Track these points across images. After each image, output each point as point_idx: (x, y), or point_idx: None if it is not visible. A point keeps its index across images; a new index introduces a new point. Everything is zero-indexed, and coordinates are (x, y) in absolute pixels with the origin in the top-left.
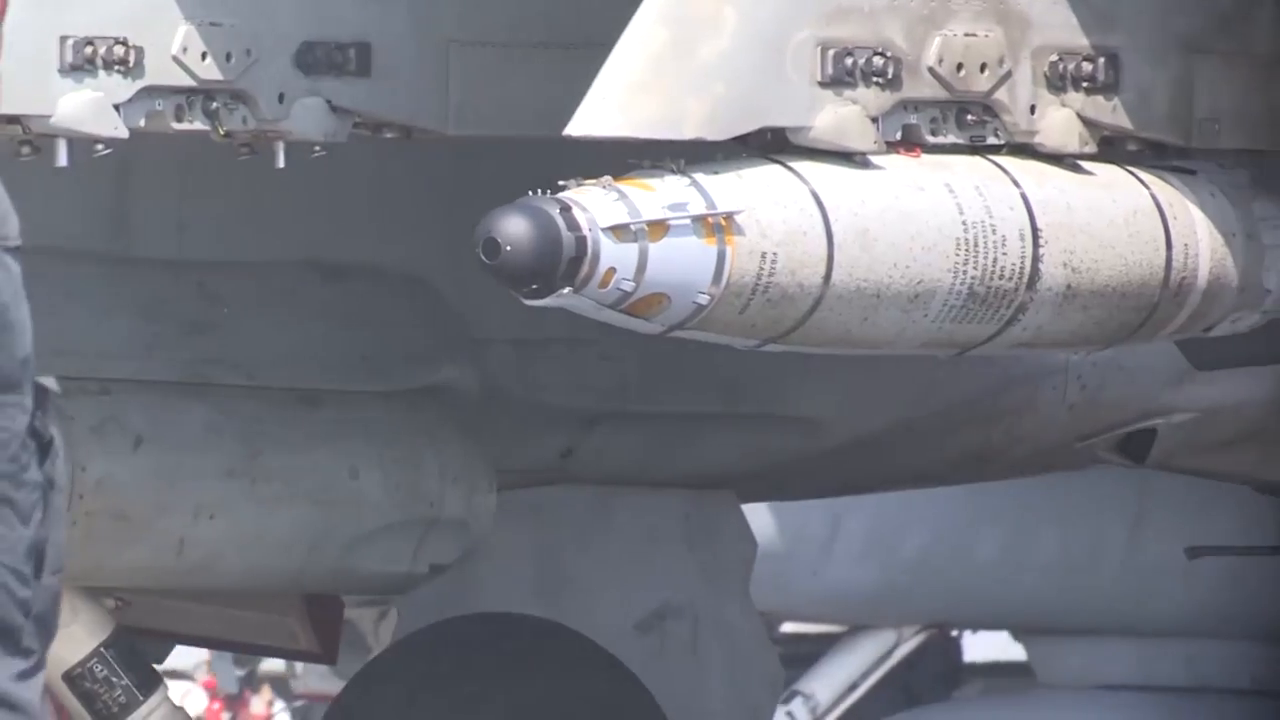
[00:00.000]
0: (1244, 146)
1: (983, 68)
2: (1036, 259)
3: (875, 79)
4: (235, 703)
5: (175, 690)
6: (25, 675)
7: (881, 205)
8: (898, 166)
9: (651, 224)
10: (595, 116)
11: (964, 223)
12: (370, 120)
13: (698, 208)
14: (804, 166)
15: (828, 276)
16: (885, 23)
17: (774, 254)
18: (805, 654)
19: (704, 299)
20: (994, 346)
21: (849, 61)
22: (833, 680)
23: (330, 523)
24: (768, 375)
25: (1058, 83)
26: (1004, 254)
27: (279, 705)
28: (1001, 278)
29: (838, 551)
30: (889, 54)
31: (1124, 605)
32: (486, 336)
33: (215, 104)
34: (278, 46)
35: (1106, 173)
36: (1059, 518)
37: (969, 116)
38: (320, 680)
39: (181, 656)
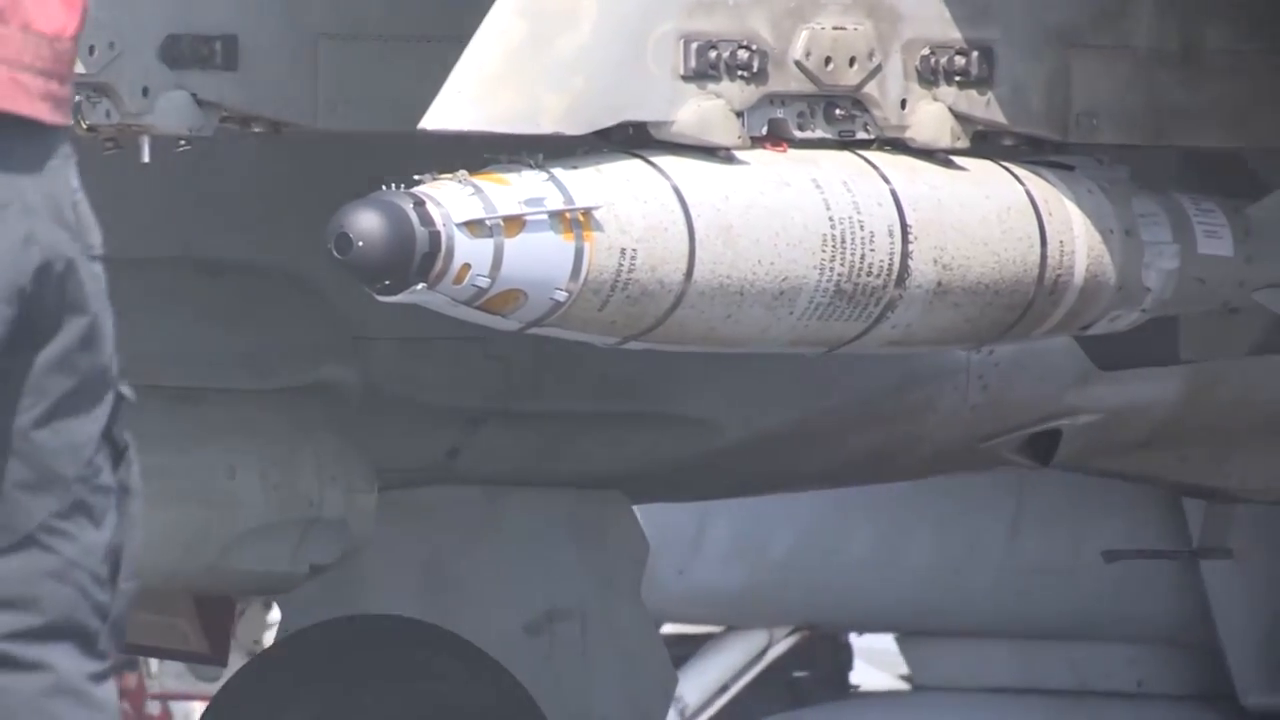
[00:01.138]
0: (1123, 142)
1: (852, 61)
2: (906, 256)
3: (740, 72)
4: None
5: None
6: (101, 677)
7: (745, 201)
8: (763, 162)
9: (507, 219)
10: (450, 111)
11: (831, 219)
12: (237, 114)
13: (555, 203)
14: (666, 161)
15: (689, 273)
16: (751, 15)
17: (634, 250)
18: (684, 655)
19: (561, 296)
20: (863, 345)
21: (713, 55)
22: (702, 681)
23: (207, 522)
24: (658, 374)
25: (929, 76)
26: (872, 251)
27: None
28: (869, 275)
29: (704, 551)
30: (754, 47)
31: (1003, 607)
32: (368, 334)
33: (78, 98)
34: (142, 39)
35: (980, 168)
36: (934, 518)
37: (837, 111)
38: (176, 680)
39: None
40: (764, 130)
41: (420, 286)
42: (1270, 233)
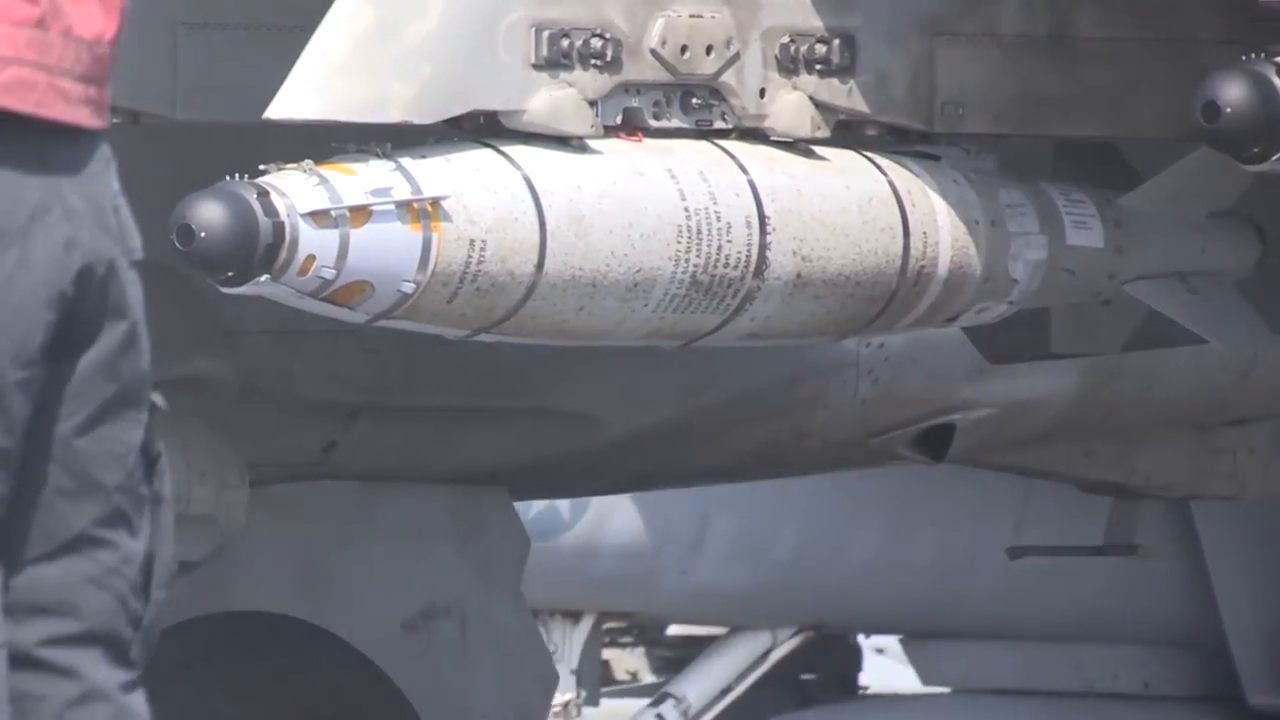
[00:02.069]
0: (990, 131)
1: (709, 50)
2: (764, 247)
3: (593, 61)
4: None
5: None
6: (131, 687)
7: (598, 191)
8: (617, 151)
9: (353, 210)
10: (296, 100)
11: (687, 209)
12: None
13: (402, 193)
14: (517, 151)
15: (540, 264)
16: (604, 3)
17: (483, 241)
18: (687, 657)
19: (409, 287)
20: (721, 337)
21: (565, 43)
22: (705, 682)
23: None
24: (538, 368)
25: (789, 65)
26: (729, 242)
27: None
28: (726, 266)
29: (707, 551)
30: (608, 35)
31: (1009, 608)
32: (241, 328)
33: None
34: None
35: (841, 158)
36: (937, 519)
37: (694, 100)
38: None
39: None
40: (618, 119)
41: (264, 278)
42: (1142, 224)
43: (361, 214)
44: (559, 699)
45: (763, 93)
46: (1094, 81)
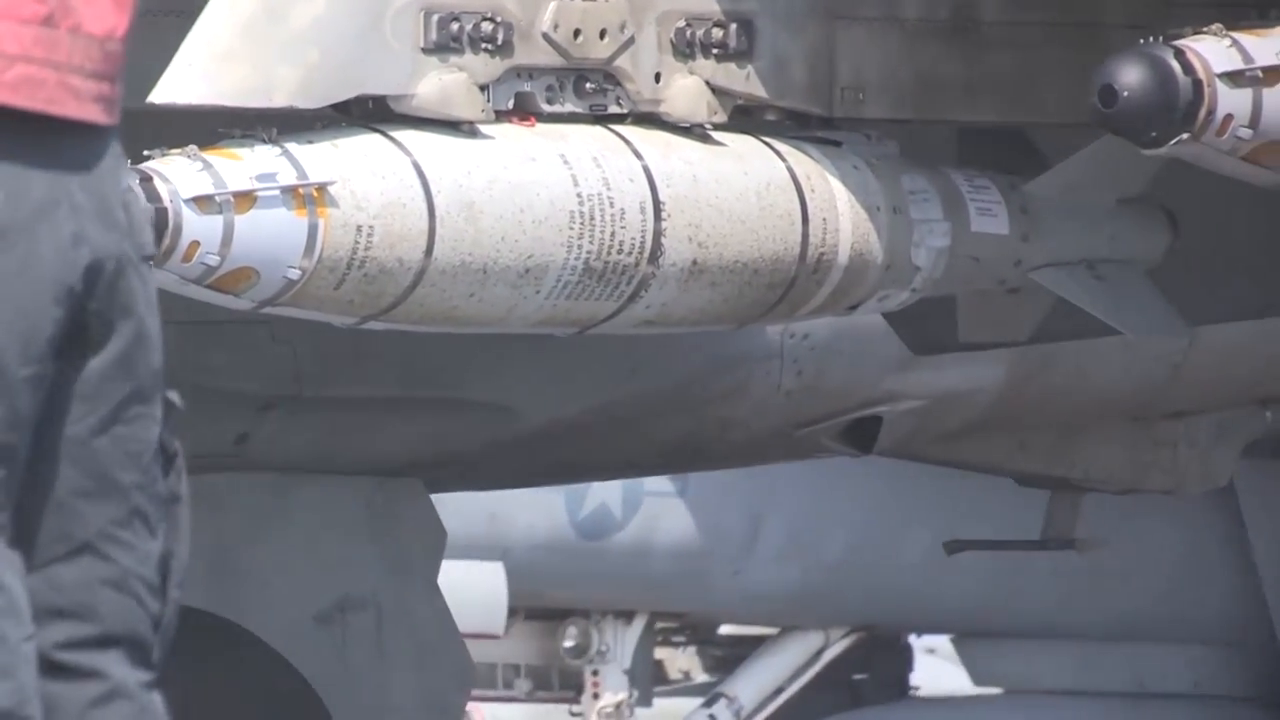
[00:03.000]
0: (892, 117)
1: (603, 34)
2: (659, 233)
3: (484, 45)
4: None
5: None
6: (152, 686)
7: (489, 177)
8: (509, 136)
9: (238, 195)
10: (180, 85)
11: (579, 195)
12: None
13: (288, 178)
14: (406, 136)
15: (429, 251)
16: None
17: (370, 227)
18: (739, 657)
19: (295, 274)
20: (617, 325)
21: (455, 27)
22: (757, 682)
23: None
24: (452, 358)
25: (685, 50)
26: (623, 228)
27: None
28: (620, 253)
29: (759, 552)
30: (499, 19)
31: (1060, 609)
32: None
33: None
34: None
35: (739, 144)
36: (987, 519)
37: (588, 85)
38: None
39: None
40: (510, 104)
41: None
42: (1048, 210)
43: (246, 200)
44: (612, 699)
45: (658, 77)
46: (997, 66)
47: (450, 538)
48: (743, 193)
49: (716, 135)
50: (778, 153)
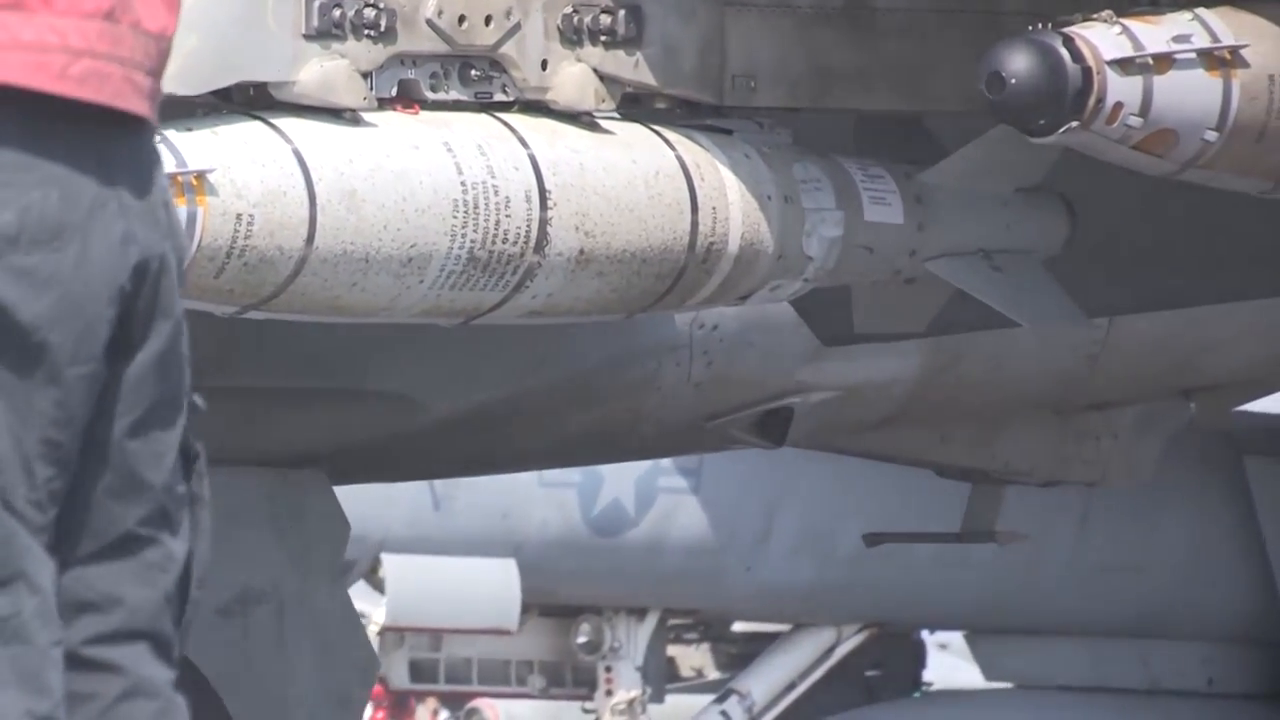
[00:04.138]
0: (784, 105)
1: (488, 20)
2: (545, 222)
3: (367, 32)
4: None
5: None
6: (174, 684)
7: (371, 165)
8: (392, 124)
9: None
10: None
11: (463, 183)
12: None
13: (168, 166)
14: (287, 123)
15: (310, 239)
16: None
17: (251, 215)
18: (752, 653)
19: None
20: (502, 315)
21: (337, 13)
22: (770, 679)
23: None
24: (355, 348)
25: (572, 36)
26: (508, 217)
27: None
28: (505, 242)
29: (772, 548)
30: (382, 5)
31: (1073, 604)
32: None
33: None
34: None
35: (627, 132)
36: (1003, 514)
37: (473, 72)
38: None
39: None
40: (394, 91)
41: None
42: (944, 200)
43: None
44: (624, 695)
45: (545, 64)
46: (892, 53)
47: (463, 534)
48: (630, 181)
49: (604, 123)
50: (667, 141)
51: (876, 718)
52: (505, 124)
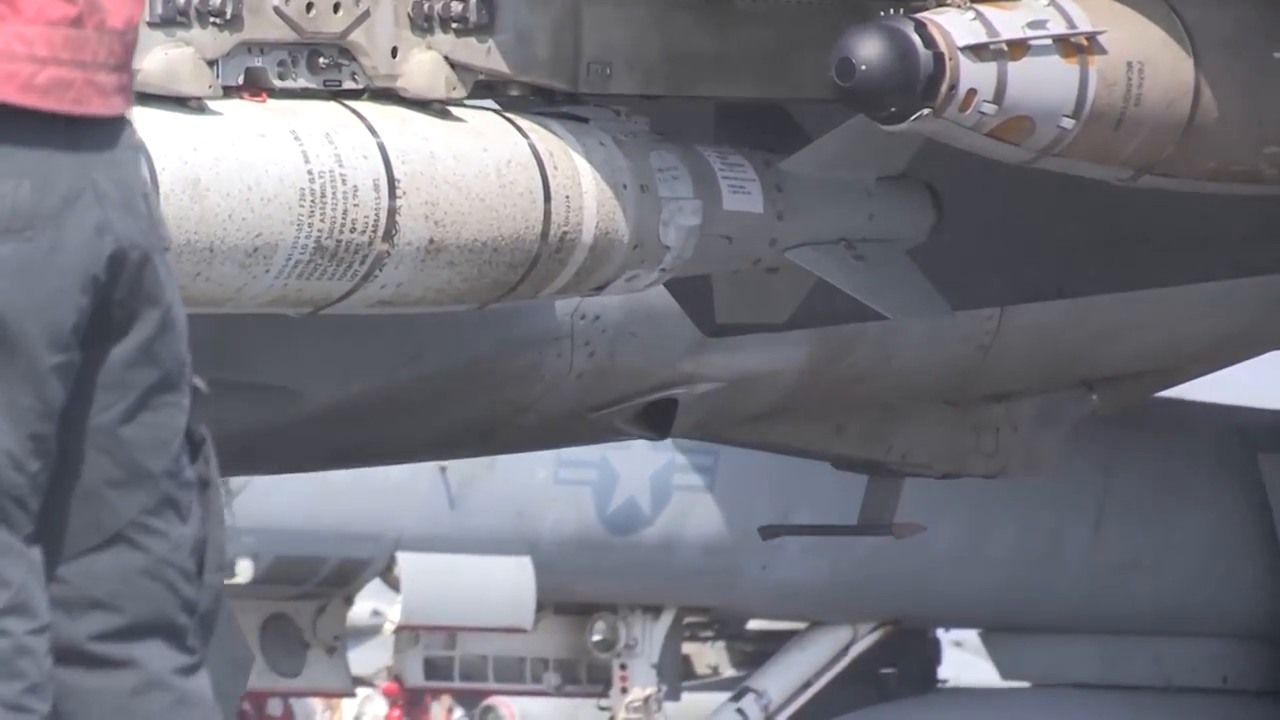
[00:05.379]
0: (641, 92)
1: (336, 7)
2: (393, 212)
3: (212, 19)
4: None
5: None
6: (191, 671)
7: (216, 154)
8: (238, 112)
9: None
10: None
11: (310, 172)
12: None
13: None
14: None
15: None
16: None
17: None
18: (768, 651)
19: None
20: (351, 305)
21: (182, 0)
22: (785, 677)
23: None
24: (231, 338)
25: (423, 23)
26: (356, 206)
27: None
28: (353, 231)
29: (788, 546)
30: None
31: (1088, 602)
32: None
33: None
34: None
35: (479, 120)
36: (1018, 513)
37: (321, 60)
38: (256, 677)
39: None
40: (240, 80)
41: None
42: (805, 188)
43: None
44: (640, 693)
45: (395, 52)
46: (751, 40)
47: (478, 532)
48: (482, 170)
49: (456, 111)
50: (520, 129)
51: (892, 716)
52: (354, 112)
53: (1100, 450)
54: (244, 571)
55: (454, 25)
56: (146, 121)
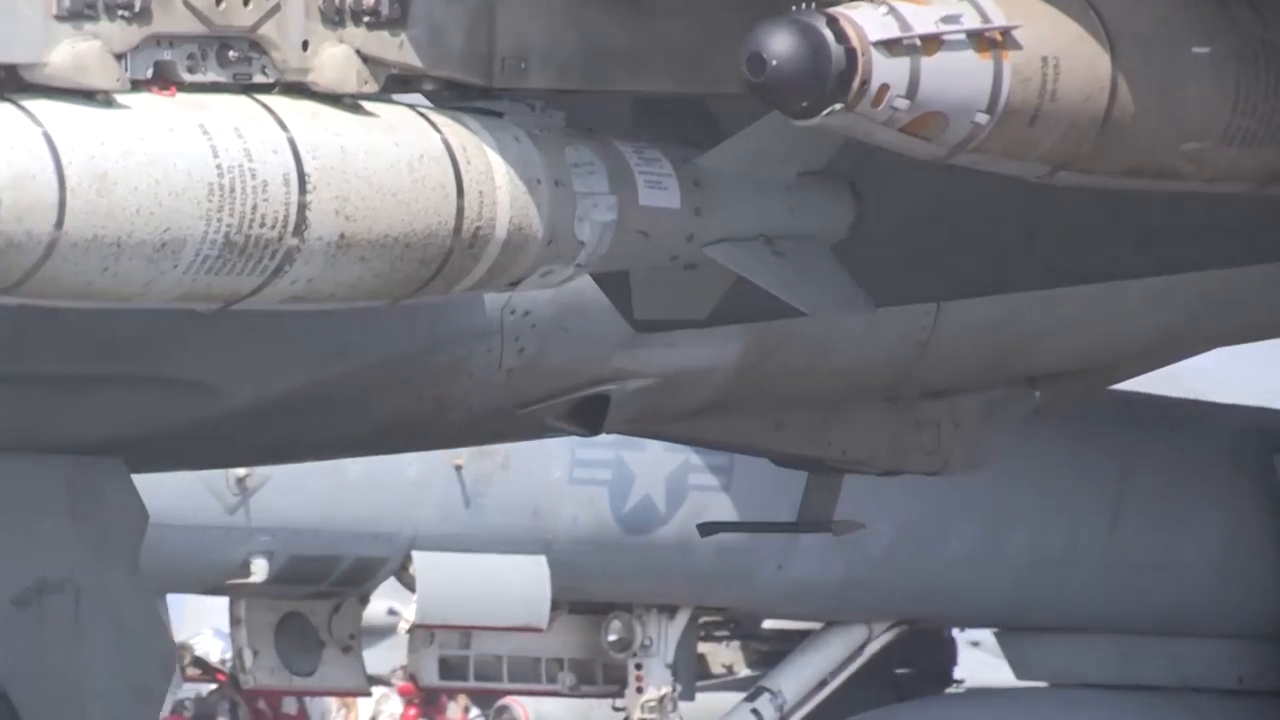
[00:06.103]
0: (556, 87)
1: (246, 1)
2: (303, 206)
3: (120, 12)
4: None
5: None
6: None
7: (124, 148)
8: (146, 106)
9: None
10: None
11: (219, 167)
12: None
13: None
14: (37, 105)
15: (60, 223)
16: None
17: None
18: (783, 651)
19: None
20: (261, 300)
21: None
22: (800, 676)
23: None
24: (154, 335)
25: (334, 17)
26: (265, 201)
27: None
28: (262, 226)
29: (803, 546)
30: None
31: (1104, 602)
32: None
33: None
34: None
35: (391, 114)
36: (1034, 512)
37: (231, 53)
38: (270, 675)
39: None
40: (150, 73)
41: None
42: (723, 184)
43: None
44: (655, 693)
45: (306, 45)
46: (669, 35)
47: (493, 531)
48: (394, 165)
49: (368, 106)
50: (433, 124)
51: (907, 715)
52: (264, 106)
53: (1116, 451)
54: (259, 571)
55: (366, 19)
56: (54, 114)
